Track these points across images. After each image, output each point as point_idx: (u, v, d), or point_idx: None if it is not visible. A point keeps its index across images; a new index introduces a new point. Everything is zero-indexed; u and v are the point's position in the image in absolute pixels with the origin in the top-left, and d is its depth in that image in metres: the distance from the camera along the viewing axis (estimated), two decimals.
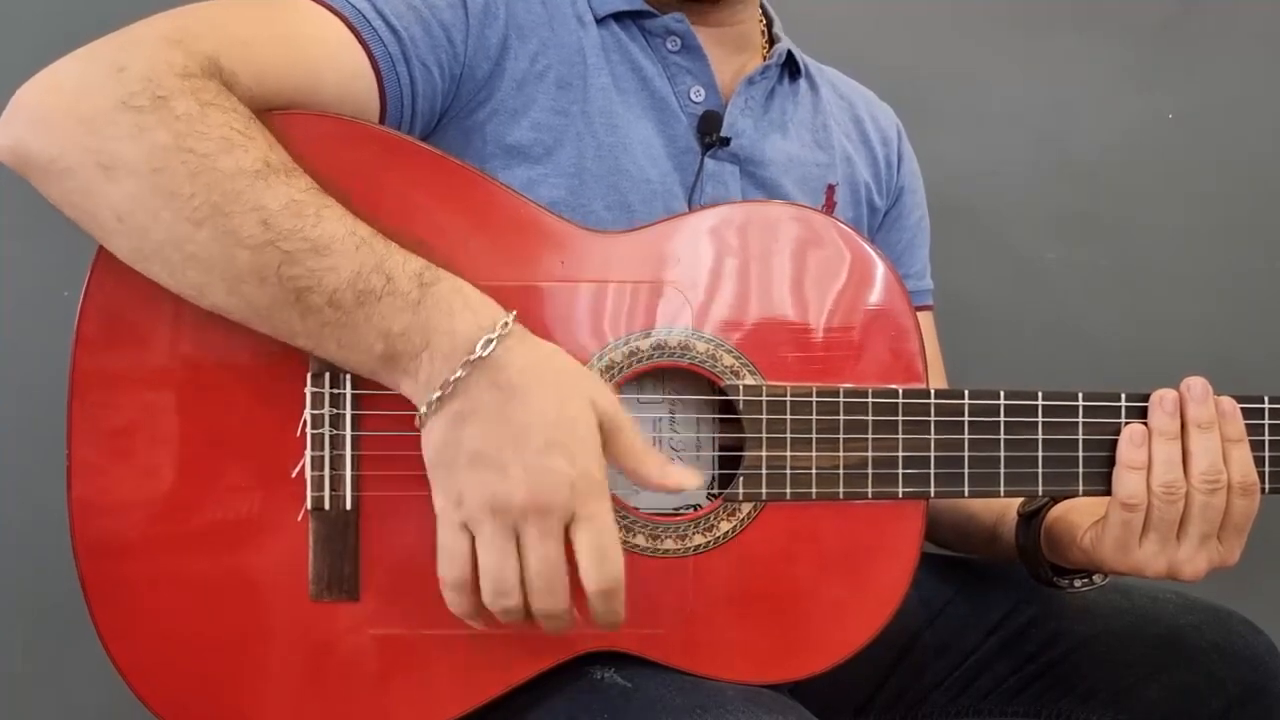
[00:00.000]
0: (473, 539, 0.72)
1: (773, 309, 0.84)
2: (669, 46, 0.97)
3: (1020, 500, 0.95)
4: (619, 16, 0.96)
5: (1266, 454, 0.87)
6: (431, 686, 0.80)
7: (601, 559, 0.72)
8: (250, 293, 0.72)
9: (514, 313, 0.73)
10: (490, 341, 0.71)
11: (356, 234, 0.72)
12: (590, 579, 0.72)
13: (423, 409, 0.72)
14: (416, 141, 0.84)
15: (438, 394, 0.71)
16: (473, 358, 0.71)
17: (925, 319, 1.13)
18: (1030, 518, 0.93)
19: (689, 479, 0.75)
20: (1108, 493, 0.85)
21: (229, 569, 0.79)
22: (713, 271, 0.84)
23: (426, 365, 0.72)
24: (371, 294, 0.71)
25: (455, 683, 0.80)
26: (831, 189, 1.04)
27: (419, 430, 0.73)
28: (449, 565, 0.73)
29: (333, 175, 0.75)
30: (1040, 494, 0.85)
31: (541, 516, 0.70)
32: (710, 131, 0.96)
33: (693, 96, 0.97)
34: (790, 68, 1.05)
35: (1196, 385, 0.85)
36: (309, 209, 0.72)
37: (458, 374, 0.71)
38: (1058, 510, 0.92)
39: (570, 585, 0.72)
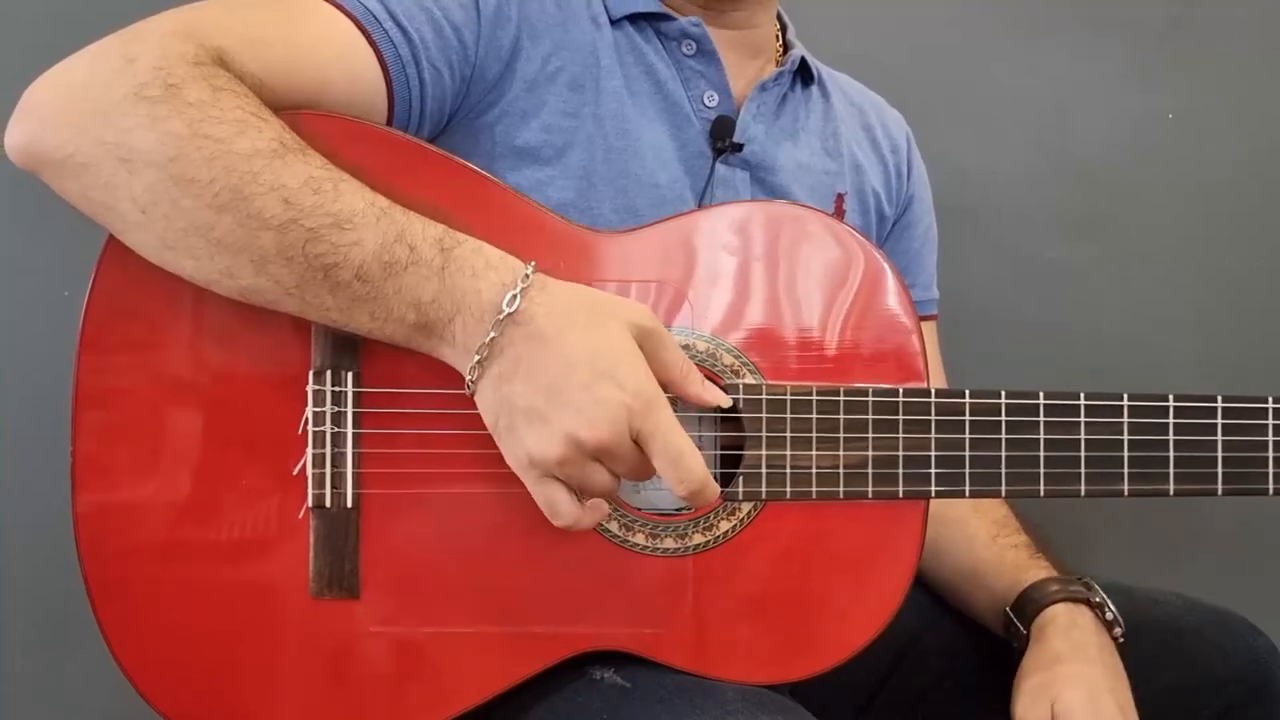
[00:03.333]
0: (558, 481, 0.73)
1: (773, 309, 0.84)
2: (684, 50, 0.97)
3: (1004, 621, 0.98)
4: (635, 18, 0.96)
5: (1270, 454, 0.87)
6: (430, 685, 0.80)
7: (678, 463, 0.72)
8: (278, 272, 0.72)
9: (534, 263, 0.74)
10: (514, 297, 0.72)
11: (376, 205, 0.73)
12: (675, 485, 0.73)
13: (468, 376, 0.73)
14: (421, 142, 0.84)
15: (476, 358, 0.72)
16: (501, 316, 0.72)
17: (930, 329, 1.13)
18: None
19: (724, 399, 0.78)
20: (1108, 494, 0.85)
21: (230, 567, 0.79)
22: (713, 271, 0.84)
23: (460, 330, 0.73)
24: (397, 265, 0.72)
25: (454, 681, 0.80)
26: (841, 198, 1.04)
27: (470, 395, 0.74)
28: (557, 515, 0.74)
29: None
30: (1041, 494, 0.85)
31: (611, 446, 0.71)
32: (723, 137, 0.96)
33: (706, 101, 0.97)
34: (803, 74, 1.05)
35: None
36: (327, 184, 0.72)
37: (490, 335, 0.72)
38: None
39: None
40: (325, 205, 0.71)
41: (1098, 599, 0.95)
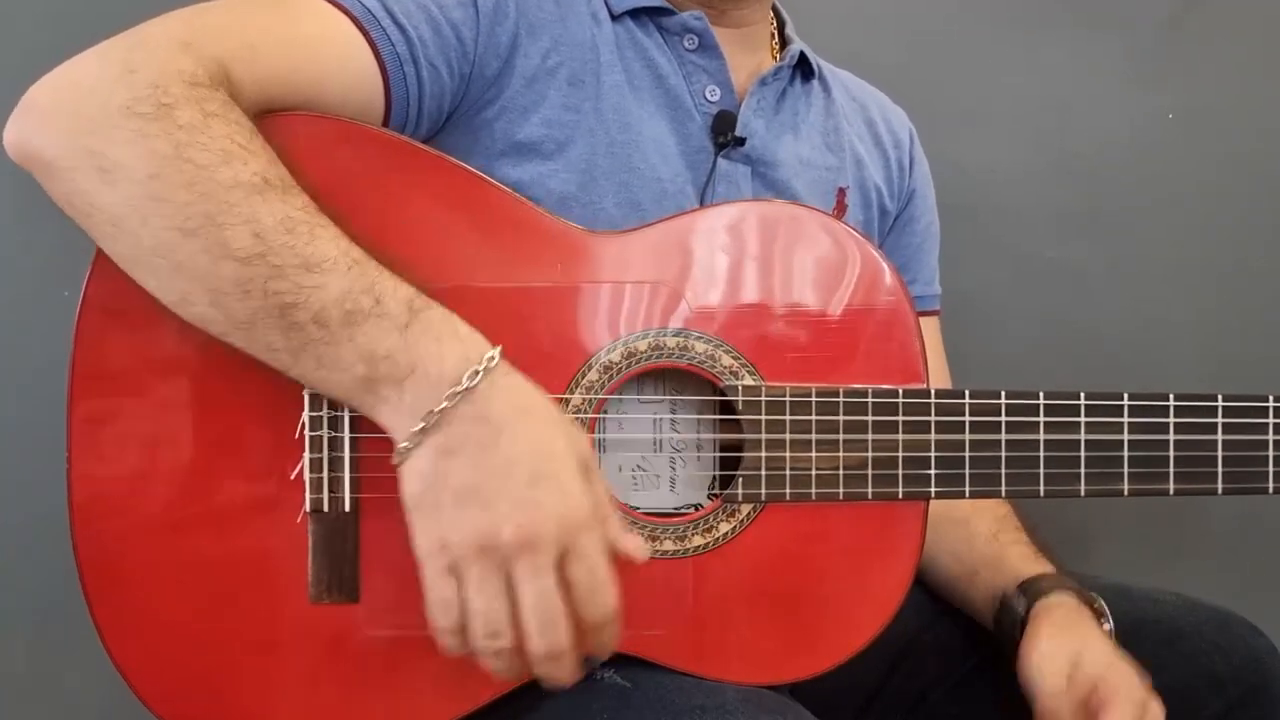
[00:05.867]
0: (458, 583, 0.70)
1: (772, 309, 0.84)
2: (686, 44, 0.97)
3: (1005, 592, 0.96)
4: (636, 13, 0.96)
5: (1270, 453, 0.87)
6: (431, 688, 0.80)
7: (595, 592, 0.70)
8: (232, 305, 0.71)
9: (500, 348, 0.72)
10: (477, 373, 0.70)
11: (349, 255, 0.72)
12: (587, 614, 0.71)
13: (403, 443, 0.70)
14: (415, 143, 0.83)
15: (421, 424, 0.69)
16: (459, 389, 0.69)
17: (932, 325, 1.12)
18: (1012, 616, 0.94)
19: (641, 550, 0.74)
20: (1108, 493, 0.85)
21: (229, 571, 0.79)
22: (711, 271, 0.83)
23: (411, 392, 0.70)
24: (359, 313, 0.70)
25: (455, 684, 0.80)
26: (842, 192, 1.03)
27: (396, 464, 0.71)
28: (442, 613, 0.71)
29: (332, 178, 0.76)
30: (1042, 494, 0.85)
31: (532, 552, 0.68)
32: (724, 131, 0.95)
33: (708, 95, 0.97)
34: (803, 69, 1.05)
35: None
36: (303, 226, 0.71)
37: (443, 404, 0.69)
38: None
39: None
40: (297, 247, 0.70)
41: (1098, 605, 0.95)
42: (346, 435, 0.78)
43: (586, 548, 0.70)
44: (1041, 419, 0.84)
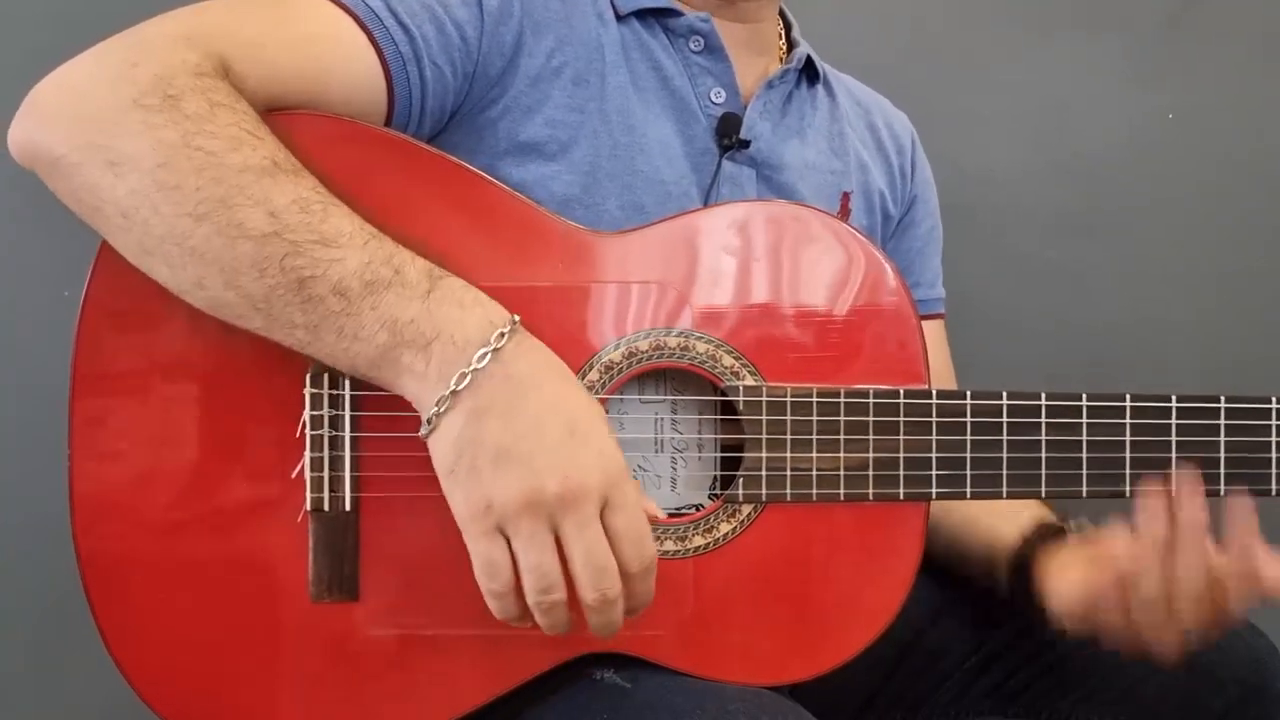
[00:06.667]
0: (508, 542, 0.71)
1: (773, 309, 0.84)
2: (692, 46, 0.97)
3: (1007, 549, 0.94)
4: (642, 14, 0.96)
5: (1273, 455, 0.87)
6: (431, 687, 0.80)
7: (639, 540, 0.72)
8: (249, 285, 0.71)
9: (518, 317, 0.73)
10: (502, 335, 0.71)
11: (365, 230, 0.73)
12: (630, 561, 0.72)
13: (432, 409, 0.71)
14: (417, 142, 0.83)
15: (452, 387, 0.70)
16: (487, 349, 0.71)
17: (937, 328, 1.12)
18: (1019, 568, 0.92)
19: (657, 509, 0.76)
20: (1111, 495, 0.84)
21: (229, 570, 0.79)
22: (713, 271, 0.83)
23: (438, 356, 0.71)
24: (380, 283, 0.71)
25: (456, 683, 0.80)
26: (847, 197, 1.03)
27: (425, 435, 0.72)
28: (493, 576, 0.71)
29: (335, 177, 0.75)
30: (1043, 496, 0.85)
31: (577, 504, 0.70)
32: (729, 133, 0.95)
33: (713, 98, 0.97)
34: (809, 73, 1.05)
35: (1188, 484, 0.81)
36: (316, 206, 0.72)
37: (472, 366, 0.70)
38: (1040, 566, 0.91)
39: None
40: (312, 224, 0.71)
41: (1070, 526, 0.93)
42: (347, 434, 0.79)
43: (625, 497, 0.71)
44: (1043, 420, 0.84)
